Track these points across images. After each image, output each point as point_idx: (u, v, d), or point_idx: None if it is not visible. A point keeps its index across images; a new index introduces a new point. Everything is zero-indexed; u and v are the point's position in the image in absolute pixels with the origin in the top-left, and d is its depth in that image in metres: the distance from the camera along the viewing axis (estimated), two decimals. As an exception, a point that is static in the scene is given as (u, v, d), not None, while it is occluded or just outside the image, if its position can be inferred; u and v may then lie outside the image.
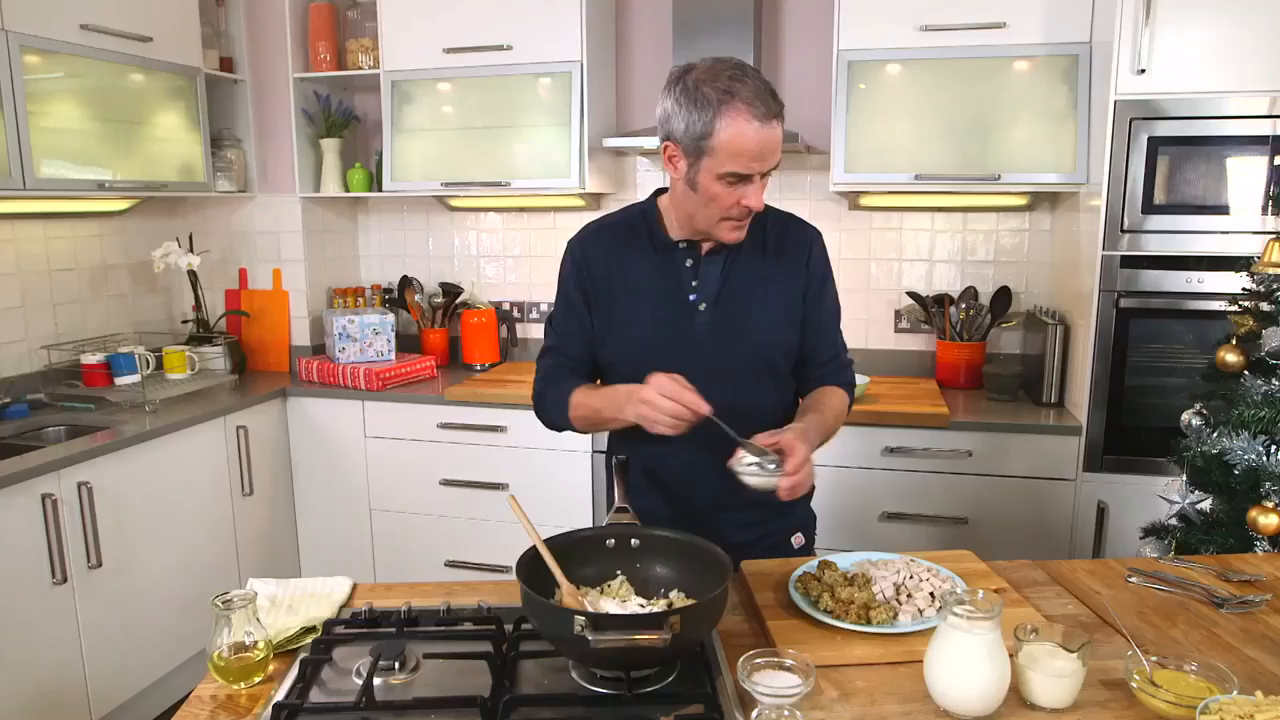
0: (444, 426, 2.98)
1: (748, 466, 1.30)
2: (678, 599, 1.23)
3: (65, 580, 2.27)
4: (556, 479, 2.91)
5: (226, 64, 3.22)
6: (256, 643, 1.15)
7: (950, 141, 2.70)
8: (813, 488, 1.69)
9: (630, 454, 1.53)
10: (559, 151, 3.01)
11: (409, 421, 3.02)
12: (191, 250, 3.18)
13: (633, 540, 1.28)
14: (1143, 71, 2.31)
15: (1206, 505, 1.71)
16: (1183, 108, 2.33)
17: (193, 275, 3.17)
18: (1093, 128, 2.54)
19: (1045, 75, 2.62)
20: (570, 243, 1.59)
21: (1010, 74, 2.64)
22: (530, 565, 1.15)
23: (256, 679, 1.14)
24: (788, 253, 1.53)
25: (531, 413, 2.86)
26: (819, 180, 3.16)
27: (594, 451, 2.88)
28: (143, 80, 2.83)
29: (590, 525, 2.88)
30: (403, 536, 3.11)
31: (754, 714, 1.01)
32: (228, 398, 2.95)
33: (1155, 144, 2.35)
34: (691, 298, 1.50)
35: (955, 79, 2.67)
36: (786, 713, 1.00)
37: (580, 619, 0.99)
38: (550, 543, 1.22)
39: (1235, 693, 1.01)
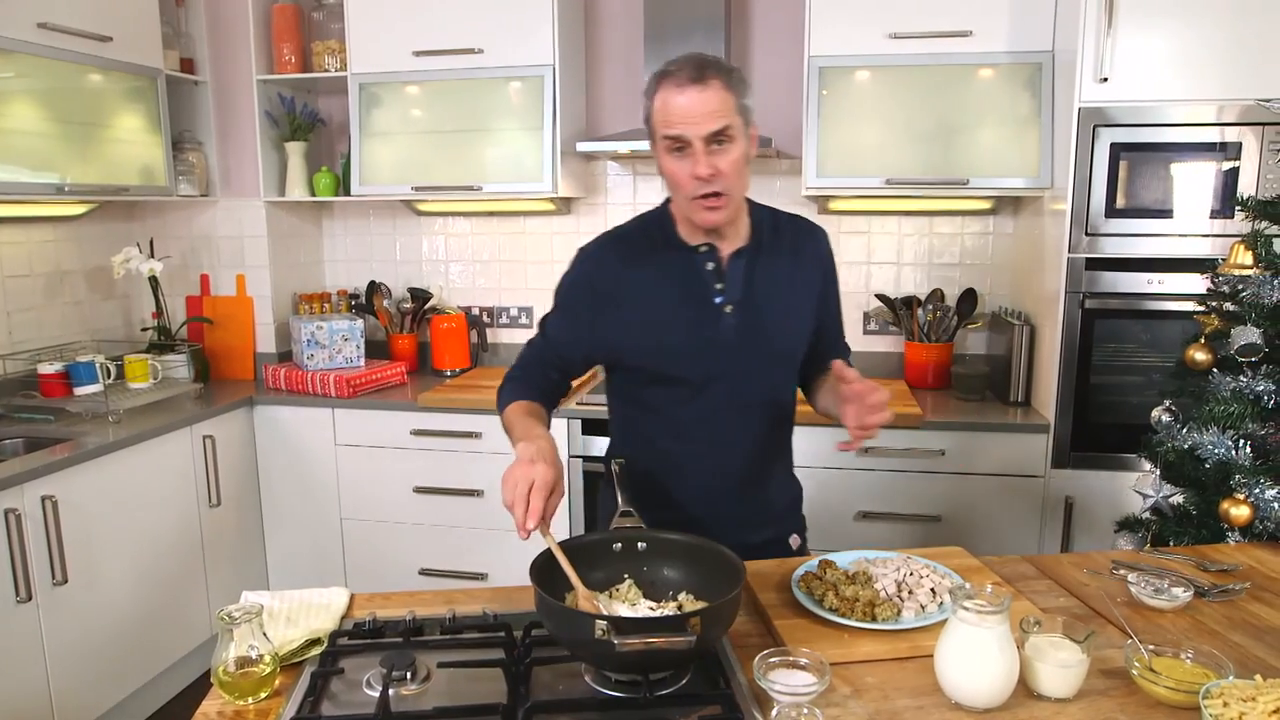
0: (417, 433, 2.94)
1: (1148, 589, 1.34)
2: (687, 601, 1.23)
3: (30, 598, 2.19)
4: (532, 484, 2.89)
5: (187, 65, 3.14)
6: (262, 656, 1.12)
7: (919, 147, 2.76)
8: (801, 491, 1.72)
9: (634, 454, 1.53)
10: (531, 156, 3.00)
11: (381, 428, 2.98)
12: (153, 255, 3.09)
13: (640, 544, 1.28)
14: (1105, 80, 2.39)
15: (1178, 499, 1.77)
16: (1143, 115, 2.42)
17: (154, 281, 3.08)
18: (1056, 133, 2.61)
19: (1010, 82, 2.69)
20: (581, 250, 1.57)
21: (976, 81, 2.71)
22: (542, 570, 1.15)
23: (263, 694, 1.12)
24: (805, 252, 1.57)
25: (507, 418, 2.88)
26: (788, 184, 3.19)
27: (569, 456, 2.87)
28: (101, 81, 2.75)
29: (567, 530, 2.90)
30: (375, 545, 3.07)
31: (773, 713, 1.02)
32: (192, 407, 2.88)
33: (1117, 150, 2.43)
34: (717, 300, 1.49)
35: (923, 85, 2.73)
36: (806, 710, 1.01)
37: (602, 624, 0.99)
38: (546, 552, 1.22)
39: (1231, 677, 1.05)
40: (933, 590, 1.29)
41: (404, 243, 3.55)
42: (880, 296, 3.14)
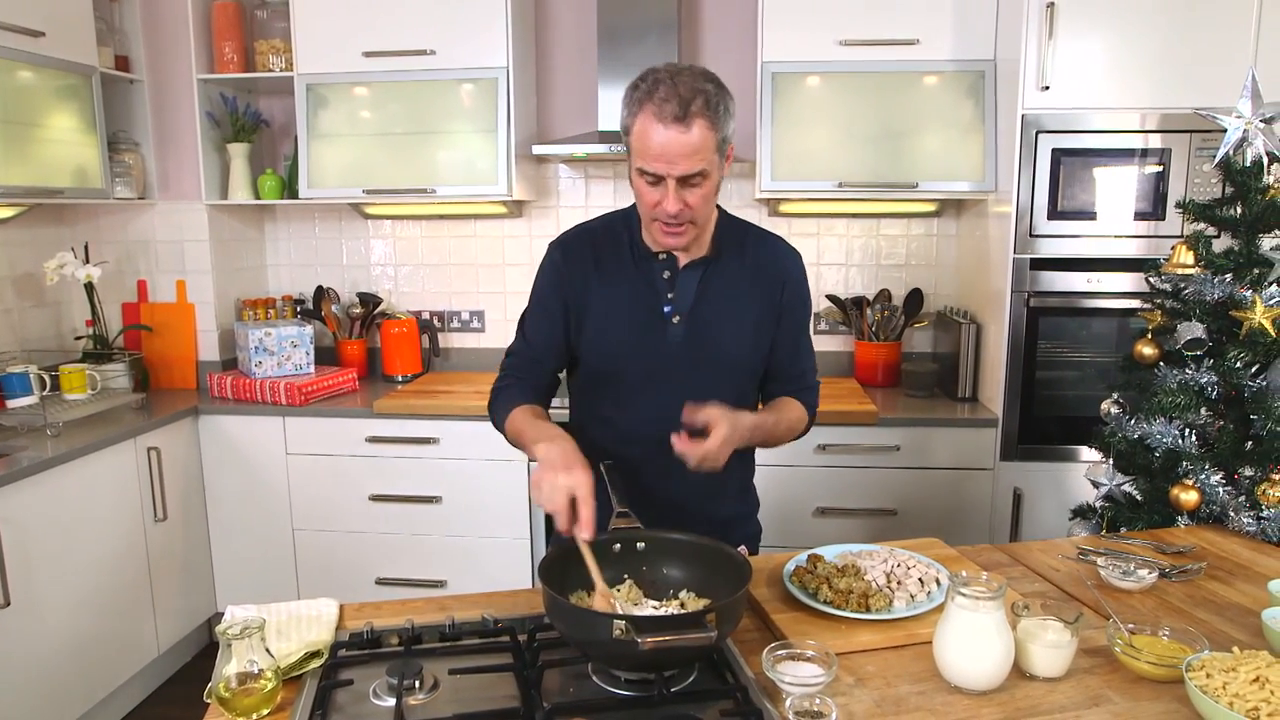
0: (373, 440, 2.89)
1: (1116, 571, 1.41)
2: (689, 599, 1.25)
3: (-30, 623, 2.09)
4: (490, 490, 2.88)
5: (121, 63, 3.02)
6: (263, 671, 1.10)
7: (868, 151, 2.84)
8: (758, 501, 1.74)
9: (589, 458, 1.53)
10: (485, 158, 2.98)
11: (334, 436, 2.91)
12: (88, 260, 2.96)
13: (639, 544, 1.29)
14: (1046, 88, 2.50)
15: (1129, 487, 1.86)
16: (1081, 121, 2.54)
17: (89, 288, 2.95)
18: (1000, 139, 2.72)
19: (954, 89, 2.79)
20: (551, 246, 1.58)
21: (923, 88, 2.80)
22: (549, 571, 1.15)
23: (265, 710, 1.09)
24: (765, 270, 1.55)
25: (464, 423, 2.86)
26: (740, 187, 3.24)
27: (529, 461, 2.85)
28: (33, 78, 2.62)
29: (527, 535, 2.88)
30: (329, 555, 2.99)
31: (787, 704, 1.04)
32: (134, 418, 2.76)
33: (1058, 155, 2.55)
34: (666, 309, 1.51)
35: (873, 91, 2.81)
36: (818, 700, 1.04)
37: (621, 623, 1.00)
38: (552, 550, 1.22)
39: (1206, 651, 1.12)
40: (920, 580, 1.34)
41: (351, 246, 3.48)
42: (831, 297, 3.22)
